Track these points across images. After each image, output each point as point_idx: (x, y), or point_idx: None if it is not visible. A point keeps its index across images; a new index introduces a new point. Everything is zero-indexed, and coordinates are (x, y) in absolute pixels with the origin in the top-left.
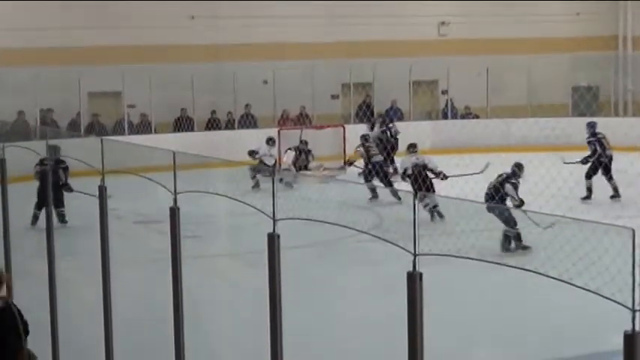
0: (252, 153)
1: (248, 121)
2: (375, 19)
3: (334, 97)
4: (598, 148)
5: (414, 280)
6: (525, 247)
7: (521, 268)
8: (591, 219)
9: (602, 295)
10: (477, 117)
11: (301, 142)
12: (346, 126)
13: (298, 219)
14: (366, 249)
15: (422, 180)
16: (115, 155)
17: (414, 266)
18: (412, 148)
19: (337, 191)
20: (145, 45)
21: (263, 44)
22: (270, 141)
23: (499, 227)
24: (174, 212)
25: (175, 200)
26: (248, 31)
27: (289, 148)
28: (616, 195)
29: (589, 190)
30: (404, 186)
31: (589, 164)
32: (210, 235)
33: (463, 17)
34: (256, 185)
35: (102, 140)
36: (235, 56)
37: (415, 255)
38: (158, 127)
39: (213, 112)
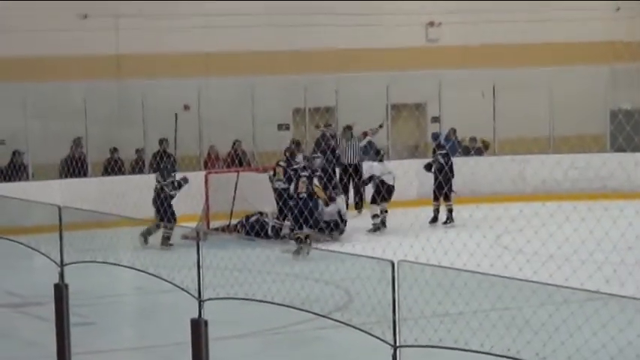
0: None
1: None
2: (339, 18)
3: (283, 127)
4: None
5: None
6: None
7: None
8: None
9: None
10: (481, 152)
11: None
12: None
13: (233, 299)
14: (329, 339)
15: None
16: None
17: None
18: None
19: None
20: (18, 56)
21: (182, 54)
22: (379, 153)
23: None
24: (60, 290)
25: (62, 274)
26: (160, 37)
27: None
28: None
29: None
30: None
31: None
32: (110, 321)
33: (459, 15)
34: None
35: None
36: (143, 71)
37: (395, 347)
38: (37, 170)
39: (114, 150)
